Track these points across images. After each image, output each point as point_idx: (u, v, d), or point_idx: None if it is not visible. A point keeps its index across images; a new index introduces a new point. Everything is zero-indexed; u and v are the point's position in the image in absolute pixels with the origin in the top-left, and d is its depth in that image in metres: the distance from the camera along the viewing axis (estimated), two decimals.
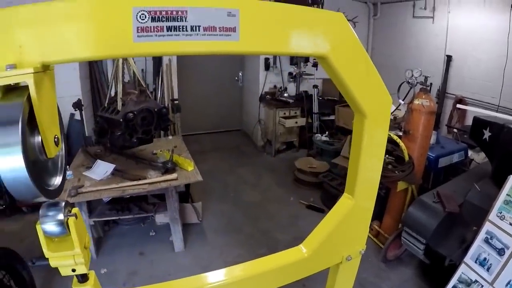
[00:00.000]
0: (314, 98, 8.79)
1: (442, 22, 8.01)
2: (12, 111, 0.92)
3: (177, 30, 1.06)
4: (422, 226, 3.94)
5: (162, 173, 4.69)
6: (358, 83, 1.42)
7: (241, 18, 1.13)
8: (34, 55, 0.96)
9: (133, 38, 1.02)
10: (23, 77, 0.93)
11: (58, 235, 1.18)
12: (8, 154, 0.90)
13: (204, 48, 1.12)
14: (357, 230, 1.83)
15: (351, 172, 1.70)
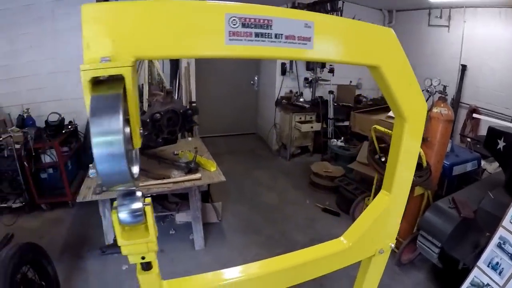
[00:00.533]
0: (330, 103, 8.84)
1: (457, 31, 8.00)
2: (113, 101, 0.97)
3: (264, 36, 1.18)
4: (438, 230, 4.00)
5: (186, 173, 4.78)
6: (402, 91, 1.54)
7: (315, 29, 1.26)
8: (128, 49, 1.03)
9: (225, 41, 1.13)
10: (121, 70, 0.99)
11: (135, 223, 1.21)
12: (111, 141, 0.94)
13: (284, 54, 1.25)
14: (391, 225, 1.92)
15: (389, 171, 1.80)
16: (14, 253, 3.28)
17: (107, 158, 0.96)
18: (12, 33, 6.72)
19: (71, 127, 6.91)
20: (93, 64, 0.98)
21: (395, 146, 1.73)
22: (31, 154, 5.89)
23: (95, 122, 0.94)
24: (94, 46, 1.00)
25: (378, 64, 1.44)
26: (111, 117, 0.95)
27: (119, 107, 0.96)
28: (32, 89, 7.07)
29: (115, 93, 0.99)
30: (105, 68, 0.98)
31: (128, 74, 1.00)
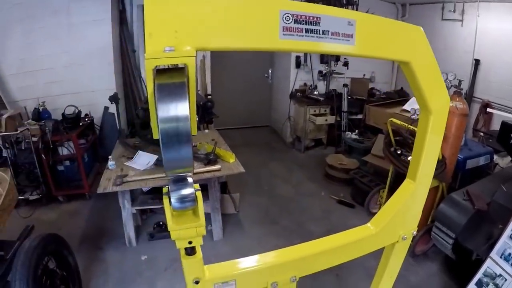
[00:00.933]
0: (344, 96, 8.86)
1: (471, 26, 7.96)
2: (180, 89, 1.04)
3: (313, 32, 1.27)
4: (453, 222, 4.05)
5: (205, 164, 4.84)
6: (429, 85, 1.63)
7: (357, 27, 1.35)
8: (191, 40, 1.09)
9: (279, 36, 1.21)
10: (185, 60, 1.05)
11: (187, 208, 1.27)
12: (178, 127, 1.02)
13: (330, 49, 1.36)
14: (414, 212, 1.98)
15: (414, 160, 1.87)
16: (37, 244, 3.30)
17: (174, 144, 1.04)
18: (28, 26, 6.78)
19: (87, 120, 6.97)
20: (157, 52, 1.03)
21: (420, 137, 1.80)
22: (48, 147, 5.95)
23: (163, 108, 1.01)
24: (156, 36, 1.06)
25: (409, 60, 1.52)
26: (179, 104, 1.02)
27: (186, 94, 1.03)
28: (48, 82, 7.14)
29: (181, 81, 1.05)
30: (170, 57, 1.04)
31: (192, 63, 1.07)
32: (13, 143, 5.76)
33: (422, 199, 1.98)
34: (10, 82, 6.90)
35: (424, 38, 1.56)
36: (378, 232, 1.86)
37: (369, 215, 5.92)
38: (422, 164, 1.83)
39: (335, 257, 1.86)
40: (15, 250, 3.39)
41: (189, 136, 1.03)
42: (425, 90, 1.62)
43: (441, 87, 1.72)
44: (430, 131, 1.74)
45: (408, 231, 1.99)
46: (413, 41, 1.56)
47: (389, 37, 1.49)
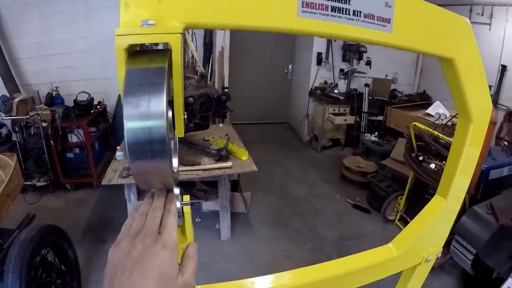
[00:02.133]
0: (365, 97, 8.65)
1: (499, 30, 7.70)
2: (156, 77, 0.77)
3: (341, 12, 0.98)
4: (474, 237, 3.88)
5: (216, 160, 4.68)
6: (472, 88, 1.40)
7: (396, 10, 1.08)
8: (178, 12, 0.83)
9: (297, 13, 0.93)
10: (168, 37, 0.79)
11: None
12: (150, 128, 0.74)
13: (362, 35, 1.06)
14: (441, 233, 1.78)
15: (447, 175, 1.65)
16: (34, 235, 3.25)
17: (144, 151, 0.76)
18: (45, 10, 6.80)
19: (100, 108, 6.96)
20: (132, 27, 0.78)
21: (457, 148, 1.58)
22: (58, 133, 5.93)
23: (130, 101, 0.74)
24: (134, 6, 0.80)
25: (453, 57, 1.27)
26: (151, 96, 0.74)
27: (163, 85, 0.75)
28: (62, 68, 7.16)
29: (158, 66, 0.79)
30: (148, 33, 0.78)
31: (176, 43, 0.80)
32: (23, 127, 5.80)
33: (451, 220, 1.78)
34: (25, 65, 6.96)
35: (471, 33, 1.32)
36: (400, 255, 1.65)
37: (385, 222, 5.79)
38: (456, 181, 1.60)
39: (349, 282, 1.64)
40: (13, 239, 3.30)
41: (164, 142, 0.74)
42: (468, 94, 1.39)
43: (485, 92, 1.50)
44: (468, 143, 1.52)
45: (433, 253, 1.78)
46: (458, 35, 1.32)
47: (433, 27, 1.23)
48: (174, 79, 0.84)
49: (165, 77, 0.75)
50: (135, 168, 0.79)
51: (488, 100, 1.52)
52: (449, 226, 1.79)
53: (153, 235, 0.79)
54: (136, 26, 0.77)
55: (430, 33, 1.22)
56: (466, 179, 1.68)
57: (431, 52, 1.28)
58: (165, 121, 0.73)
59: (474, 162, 1.65)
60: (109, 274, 0.75)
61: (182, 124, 0.94)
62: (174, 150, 1.06)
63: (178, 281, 0.76)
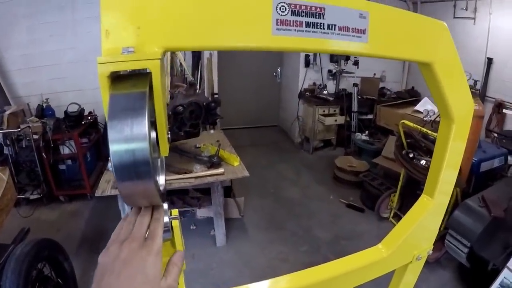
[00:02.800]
0: (354, 96, 8.71)
1: (483, 24, 7.79)
2: (137, 101, 0.81)
3: (315, 27, 1.01)
4: (468, 230, 3.91)
5: (208, 167, 4.68)
6: (452, 90, 1.43)
7: (371, 20, 1.11)
8: (156, 38, 0.86)
9: (272, 31, 0.96)
10: (148, 63, 0.82)
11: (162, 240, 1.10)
12: (133, 150, 0.78)
13: (337, 48, 1.09)
14: (430, 231, 1.81)
15: (432, 175, 1.68)
16: (29, 250, 3.24)
17: (129, 172, 0.80)
18: (32, 22, 6.78)
19: (90, 118, 6.92)
20: (113, 55, 0.81)
21: (441, 148, 1.60)
22: (49, 145, 5.90)
23: (114, 126, 0.77)
24: (114, 34, 0.83)
25: (431, 61, 1.30)
26: (134, 120, 0.77)
27: (144, 109, 0.78)
28: (52, 79, 7.13)
29: (139, 91, 0.82)
30: (128, 61, 0.81)
31: (156, 68, 0.83)
32: (14, 140, 5.75)
33: (440, 217, 1.80)
34: (14, 78, 6.95)
35: (449, 36, 1.35)
36: (390, 255, 1.67)
37: (379, 220, 5.82)
38: (442, 179, 1.63)
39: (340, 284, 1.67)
40: (8, 255, 3.26)
41: (147, 163, 0.78)
42: (448, 96, 1.42)
43: (466, 92, 1.52)
44: (452, 142, 1.54)
45: (423, 251, 1.81)
46: (436, 39, 1.35)
47: (409, 34, 1.26)
48: (156, 102, 0.87)
49: (146, 101, 0.79)
50: (122, 188, 0.83)
51: (470, 100, 1.54)
52: (437, 224, 1.81)
53: (140, 240, 0.84)
54: (117, 53, 0.80)
55: (407, 40, 1.25)
56: (452, 178, 1.70)
57: (409, 58, 1.31)
58: (148, 143, 0.77)
59: (459, 160, 1.67)
60: (98, 275, 0.79)
61: (166, 143, 0.97)
62: (161, 168, 1.10)
63: (162, 284, 0.81)
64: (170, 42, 0.87)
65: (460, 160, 1.67)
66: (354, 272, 1.65)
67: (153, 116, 0.90)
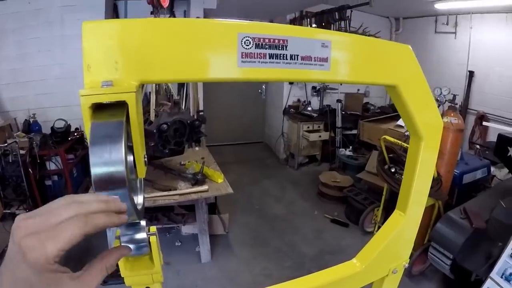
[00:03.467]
0: (338, 112, 8.78)
1: (464, 38, 7.96)
2: (114, 130, 0.89)
3: (278, 58, 1.07)
4: (450, 242, 3.96)
5: (192, 184, 4.72)
6: (419, 110, 1.47)
7: (333, 49, 1.16)
8: (132, 73, 0.94)
9: (238, 63, 1.03)
10: (123, 96, 0.90)
11: (139, 255, 1.14)
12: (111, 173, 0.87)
13: (300, 76, 1.15)
14: (405, 245, 1.85)
15: (404, 190, 1.73)
16: None
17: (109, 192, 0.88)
18: (21, 37, 6.80)
19: (77, 134, 6.91)
20: (93, 88, 0.90)
21: (411, 165, 1.66)
22: (36, 161, 5.91)
23: (94, 152, 0.86)
24: (95, 68, 0.92)
25: (396, 83, 1.36)
26: (112, 147, 0.86)
27: (121, 136, 0.87)
28: (39, 94, 7.13)
29: (117, 121, 0.90)
30: (107, 93, 0.90)
31: (131, 100, 0.91)
32: (1, 155, 5.75)
33: (414, 230, 1.85)
34: (1, 92, 6.94)
35: (413, 58, 1.40)
36: (365, 269, 1.72)
37: (363, 234, 5.89)
38: (413, 195, 1.69)
39: None
40: None
41: (124, 184, 0.86)
42: (415, 115, 1.47)
43: (433, 110, 1.56)
44: (421, 159, 1.59)
45: (399, 264, 1.86)
46: (400, 62, 1.40)
47: (372, 59, 1.30)
48: (132, 129, 0.96)
49: (123, 129, 0.88)
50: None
51: (438, 118, 1.59)
52: (412, 238, 1.86)
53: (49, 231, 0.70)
54: (97, 86, 0.89)
55: (370, 65, 1.30)
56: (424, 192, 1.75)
57: (373, 82, 1.37)
58: (124, 166, 0.85)
59: (430, 174, 1.72)
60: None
61: (143, 166, 1.06)
62: (140, 188, 1.18)
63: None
64: (145, 76, 0.95)
65: (431, 175, 1.73)
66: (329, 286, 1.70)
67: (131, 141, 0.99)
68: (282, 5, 8.12)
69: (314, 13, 7.98)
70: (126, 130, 0.91)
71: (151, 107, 4.61)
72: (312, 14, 8.04)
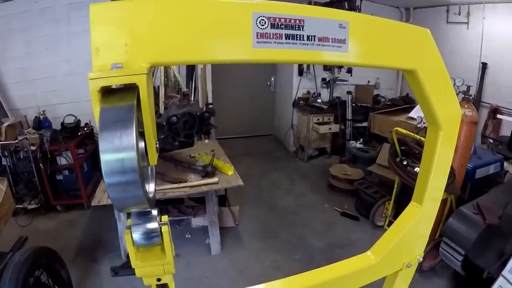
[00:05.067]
0: (348, 104, 8.72)
1: (477, 28, 7.80)
2: (125, 114, 0.86)
3: (295, 38, 1.04)
4: (462, 237, 3.88)
5: (202, 177, 4.72)
6: (437, 96, 1.43)
7: (350, 30, 1.13)
8: (143, 54, 0.91)
9: (253, 44, 1.00)
10: (135, 78, 0.87)
11: (150, 245, 1.13)
12: (122, 159, 0.84)
13: (318, 58, 1.12)
14: (420, 238, 1.82)
15: (420, 181, 1.70)
16: (27, 257, 3.28)
17: (119, 179, 0.85)
18: (28, 35, 6.86)
19: (87, 129, 6.98)
20: (102, 71, 0.87)
21: (428, 155, 1.62)
22: (47, 156, 5.96)
23: (104, 137, 0.83)
24: (104, 51, 0.89)
25: (415, 68, 1.32)
26: (122, 132, 0.83)
27: (132, 120, 0.84)
28: (48, 91, 7.19)
29: (127, 104, 0.87)
30: (116, 76, 0.86)
31: (142, 83, 0.88)
32: (12, 152, 5.84)
33: (430, 224, 1.82)
34: (11, 90, 7.01)
35: (432, 42, 1.36)
36: (379, 262, 1.69)
37: (374, 228, 5.83)
38: (430, 186, 1.65)
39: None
40: (6, 262, 3.31)
41: (134, 171, 0.83)
42: (434, 102, 1.43)
43: (452, 98, 1.53)
44: (439, 149, 1.55)
45: (413, 258, 1.83)
46: (419, 46, 1.36)
47: (390, 42, 1.28)
48: (143, 114, 0.92)
49: (134, 113, 0.84)
50: (112, 194, 0.88)
51: (456, 106, 1.55)
52: (427, 231, 1.83)
53: None
54: (106, 69, 0.86)
55: (389, 48, 1.27)
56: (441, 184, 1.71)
57: (392, 66, 1.33)
58: (136, 152, 0.82)
59: (448, 167, 1.69)
60: None
61: (154, 152, 1.03)
62: (151, 176, 1.15)
63: None
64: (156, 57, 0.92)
65: (448, 166, 1.69)
66: (343, 279, 1.66)
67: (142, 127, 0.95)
68: None
69: (323, 3, 7.89)
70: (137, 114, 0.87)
71: (160, 99, 4.58)
72: (321, 4, 7.94)
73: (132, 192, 0.89)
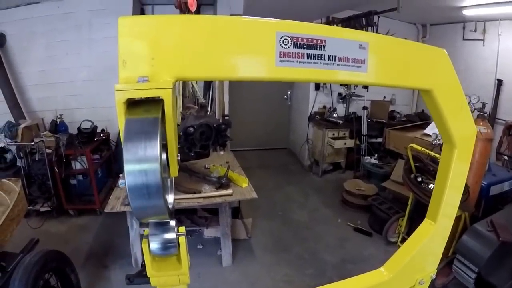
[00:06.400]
0: (364, 119, 8.73)
1: (492, 45, 7.81)
2: (150, 126, 0.88)
3: (316, 58, 1.06)
4: (476, 255, 3.86)
5: (217, 188, 4.72)
6: (453, 115, 1.45)
7: (370, 51, 1.15)
8: (169, 69, 0.93)
9: (276, 63, 1.02)
10: (160, 92, 0.89)
11: (167, 255, 1.15)
12: (146, 170, 0.86)
13: (337, 78, 1.15)
14: (433, 255, 1.83)
15: (435, 199, 1.70)
16: (37, 260, 3.31)
17: (141, 189, 0.86)
18: (50, 39, 6.98)
19: (103, 135, 7.02)
20: (129, 84, 0.89)
21: (443, 172, 1.63)
22: (62, 160, 6.02)
23: (129, 148, 0.84)
24: (131, 64, 0.91)
25: (431, 88, 1.34)
26: (147, 144, 0.85)
27: (157, 133, 0.86)
28: (66, 95, 7.28)
29: (152, 117, 0.89)
30: (143, 89, 0.89)
31: (168, 97, 0.90)
32: (28, 153, 5.92)
33: (443, 241, 1.82)
34: (30, 93, 7.14)
35: (448, 62, 1.38)
36: (392, 278, 1.69)
37: (387, 244, 5.78)
38: (444, 203, 1.65)
39: None
40: (16, 263, 3.36)
41: (158, 181, 0.85)
42: (449, 121, 1.45)
43: (467, 117, 1.55)
44: (454, 166, 1.56)
45: (426, 275, 1.83)
46: (435, 66, 1.38)
47: (408, 62, 1.30)
48: (167, 127, 0.95)
49: (158, 126, 0.86)
50: (134, 204, 0.90)
51: (472, 125, 1.57)
52: (441, 248, 1.83)
53: None
54: (133, 81, 0.89)
55: (406, 68, 1.28)
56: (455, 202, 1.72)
57: (409, 86, 1.35)
58: (159, 164, 0.84)
59: (462, 185, 1.69)
60: None
61: (176, 164, 1.05)
62: (170, 187, 1.17)
63: None
64: (181, 72, 0.95)
65: (463, 183, 1.69)
66: None
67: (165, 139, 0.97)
68: (309, 11, 8.08)
69: (340, 19, 7.93)
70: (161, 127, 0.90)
71: (178, 110, 4.60)
72: (339, 20, 7.99)
73: (153, 203, 0.90)
